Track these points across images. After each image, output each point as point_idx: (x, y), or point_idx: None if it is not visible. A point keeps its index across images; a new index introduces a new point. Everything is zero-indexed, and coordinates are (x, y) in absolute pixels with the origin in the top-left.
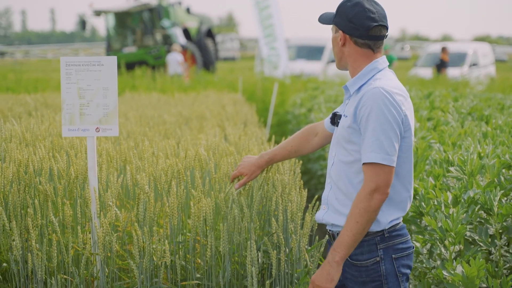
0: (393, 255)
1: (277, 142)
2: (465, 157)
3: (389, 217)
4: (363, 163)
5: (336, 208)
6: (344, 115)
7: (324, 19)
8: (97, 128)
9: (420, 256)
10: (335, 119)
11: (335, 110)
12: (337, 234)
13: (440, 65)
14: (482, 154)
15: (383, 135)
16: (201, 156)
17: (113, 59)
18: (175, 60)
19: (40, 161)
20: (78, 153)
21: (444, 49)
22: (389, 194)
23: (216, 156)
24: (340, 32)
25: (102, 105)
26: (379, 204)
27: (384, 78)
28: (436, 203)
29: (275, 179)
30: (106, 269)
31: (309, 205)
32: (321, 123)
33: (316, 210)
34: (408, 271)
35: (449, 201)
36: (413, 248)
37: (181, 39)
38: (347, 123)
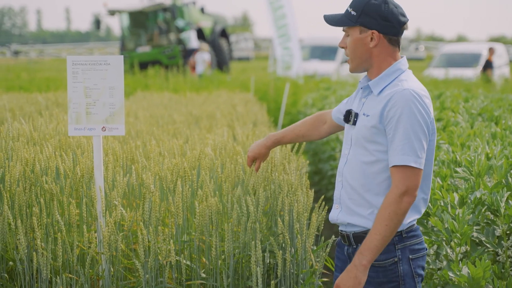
0: (410, 256)
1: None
2: (473, 158)
3: (407, 218)
4: (393, 166)
5: (351, 208)
6: (364, 114)
7: (339, 21)
8: (103, 127)
9: (427, 257)
10: (349, 117)
11: (346, 107)
12: (352, 234)
13: (486, 66)
14: (490, 155)
15: (414, 138)
16: (207, 156)
17: (120, 58)
18: (202, 59)
19: (47, 160)
20: (84, 152)
21: (491, 50)
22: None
23: (223, 156)
24: (371, 32)
25: (109, 104)
26: (408, 207)
27: (410, 80)
28: (442, 204)
29: (281, 179)
30: (112, 268)
31: (316, 205)
32: (329, 112)
33: (322, 210)
34: (423, 272)
35: (455, 202)
36: (427, 249)
37: (194, 42)
38: (371, 123)
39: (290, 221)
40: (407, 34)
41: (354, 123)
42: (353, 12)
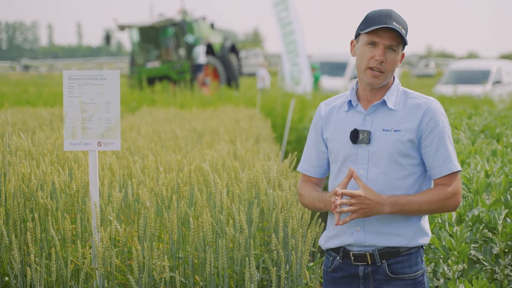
0: (425, 268)
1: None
2: (471, 175)
3: (430, 230)
4: (449, 174)
5: (377, 228)
6: (388, 130)
7: (403, 36)
8: (99, 142)
9: None
10: (358, 136)
11: (319, 145)
12: (377, 251)
13: None
14: (489, 172)
15: (452, 146)
16: (204, 171)
17: (116, 73)
18: (260, 75)
19: (43, 174)
20: (80, 167)
21: None
22: None
23: (220, 171)
24: (403, 53)
25: (104, 119)
26: (454, 207)
27: (415, 92)
28: (440, 221)
29: (275, 195)
30: (106, 284)
31: (312, 221)
32: (305, 181)
33: (319, 226)
34: None
35: (453, 220)
36: None
37: (202, 58)
38: (406, 137)
39: (285, 237)
40: (417, 50)
41: (369, 142)
42: (403, 31)
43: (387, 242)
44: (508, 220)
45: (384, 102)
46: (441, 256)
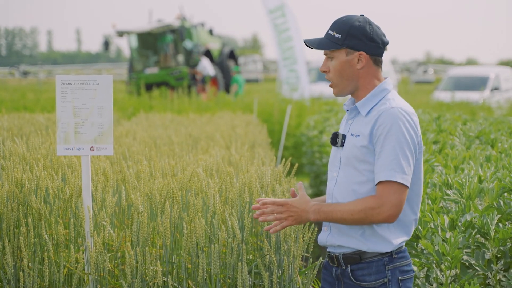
0: (399, 277)
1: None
2: (464, 180)
3: (398, 238)
4: (380, 181)
5: (341, 230)
6: (353, 135)
7: (325, 45)
8: (92, 147)
9: (417, 280)
10: (336, 139)
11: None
12: (341, 255)
13: None
14: (482, 178)
15: (402, 155)
16: (198, 176)
17: (109, 78)
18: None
19: (37, 179)
20: (74, 172)
21: None
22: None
23: (214, 176)
24: (358, 53)
25: (97, 124)
26: (379, 219)
27: (397, 99)
28: (433, 226)
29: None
30: None
31: (304, 226)
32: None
33: (311, 231)
34: None
35: (445, 225)
36: (414, 272)
37: (211, 70)
38: (360, 142)
39: (277, 242)
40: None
41: (342, 145)
42: (337, 35)
43: (347, 243)
44: (501, 225)
45: (357, 108)
46: (434, 261)
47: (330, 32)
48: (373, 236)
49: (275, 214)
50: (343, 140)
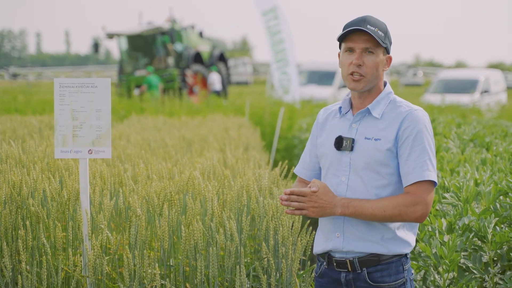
0: (410, 277)
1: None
2: (461, 184)
3: (413, 239)
4: (416, 182)
5: (357, 235)
6: (370, 138)
7: (379, 37)
8: (90, 150)
9: (414, 282)
10: (342, 143)
11: (313, 150)
12: (357, 259)
13: None
14: (479, 181)
15: (432, 156)
16: (195, 179)
17: (107, 81)
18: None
19: (34, 182)
20: (71, 175)
21: None
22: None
23: (211, 179)
24: (389, 56)
25: (95, 127)
26: (414, 218)
27: (405, 101)
28: (430, 229)
29: (266, 203)
30: None
31: (302, 229)
32: (300, 183)
33: (308, 234)
34: None
35: (443, 228)
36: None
37: (218, 85)
38: (385, 146)
39: (275, 245)
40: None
41: (352, 149)
42: (380, 33)
43: (366, 249)
44: (498, 228)
45: (368, 110)
46: (432, 264)
47: (372, 27)
48: (393, 239)
49: (299, 202)
50: (352, 144)
